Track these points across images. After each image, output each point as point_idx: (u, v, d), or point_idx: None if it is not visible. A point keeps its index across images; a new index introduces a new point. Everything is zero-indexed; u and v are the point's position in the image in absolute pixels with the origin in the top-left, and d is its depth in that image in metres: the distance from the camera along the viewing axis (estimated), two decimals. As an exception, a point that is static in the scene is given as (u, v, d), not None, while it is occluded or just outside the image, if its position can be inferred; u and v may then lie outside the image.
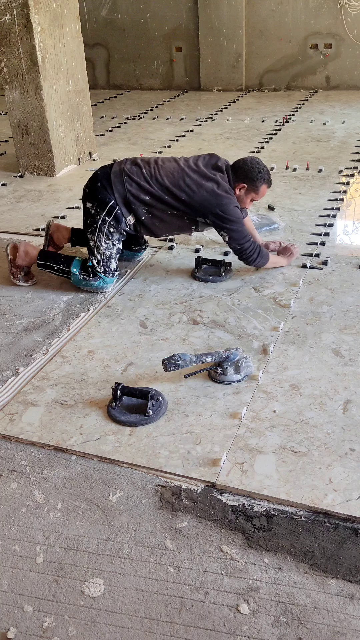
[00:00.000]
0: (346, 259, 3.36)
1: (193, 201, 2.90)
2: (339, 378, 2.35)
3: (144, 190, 2.90)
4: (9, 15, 4.42)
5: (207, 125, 6.58)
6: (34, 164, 5.06)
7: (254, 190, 2.99)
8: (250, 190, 2.99)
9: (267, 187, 3.02)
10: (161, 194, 2.91)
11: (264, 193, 3.04)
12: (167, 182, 2.90)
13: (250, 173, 2.94)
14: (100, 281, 3.06)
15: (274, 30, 7.92)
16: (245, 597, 1.56)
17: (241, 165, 2.97)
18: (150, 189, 2.90)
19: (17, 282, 3.21)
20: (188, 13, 8.15)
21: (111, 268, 3.07)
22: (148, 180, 2.91)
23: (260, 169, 2.95)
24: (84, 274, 3.05)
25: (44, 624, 1.52)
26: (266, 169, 2.99)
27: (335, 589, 1.56)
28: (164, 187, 2.90)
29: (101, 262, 3.03)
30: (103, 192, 2.92)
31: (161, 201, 2.92)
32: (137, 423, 2.15)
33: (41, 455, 2.06)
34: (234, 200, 2.93)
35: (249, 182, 2.96)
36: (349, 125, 6.22)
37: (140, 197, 2.91)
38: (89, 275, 3.05)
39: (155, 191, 2.90)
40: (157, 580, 1.61)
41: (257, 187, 2.98)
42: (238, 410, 2.20)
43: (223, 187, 2.91)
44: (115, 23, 8.58)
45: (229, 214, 2.90)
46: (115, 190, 2.91)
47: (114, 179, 2.92)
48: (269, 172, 3.01)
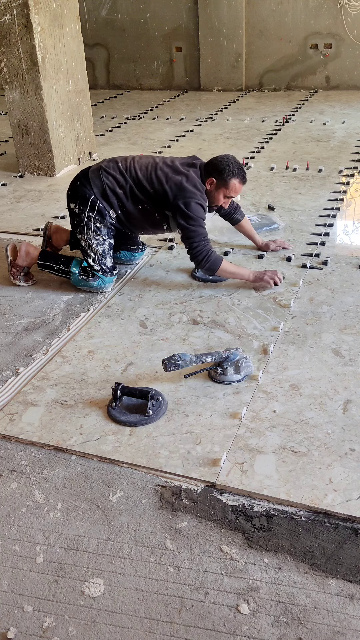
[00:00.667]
0: (346, 259, 3.36)
1: (159, 194, 2.90)
2: (339, 378, 2.35)
3: (119, 183, 2.93)
4: (9, 15, 4.42)
5: (207, 125, 6.58)
6: (34, 164, 5.06)
7: (223, 185, 2.91)
8: (220, 185, 2.92)
9: (239, 182, 2.93)
10: (132, 187, 2.92)
11: (236, 188, 2.94)
12: (140, 174, 2.92)
13: (218, 166, 2.90)
14: (99, 281, 3.06)
15: (274, 30, 7.92)
16: (245, 597, 1.56)
17: (211, 161, 2.95)
18: (124, 181, 2.93)
19: (17, 283, 3.21)
20: (188, 13, 8.15)
21: (107, 265, 3.06)
22: (123, 172, 2.94)
23: (229, 162, 2.89)
24: (83, 274, 3.06)
25: (44, 624, 1.52)
26: (237, 163, 2.92)
27: (335, 589, 1.56)
28: (136, 180, 2.92)
29: (96, 260, 3.03)
30: (82, 189, 2.97)
31: (132, 195, 2.94)
32: (137, 423, 2.15)
33: (41, 455, 2.06)
34: (199, 197, 2.88)
35: (217, 176, 2.90)
36: (349, 125, 6.22)
37: (115, 190, 2.93)
38: (88, 275, 3.06)
39: (128, 184, 2.92)
40: (157, 580, 1.61)
41: (226, 182, 2.90)
42: (238, 410, 2.20)
43: (192, 182, 2.88)
44: (115, 23, 8.58)
45: (189, 210, 2.85)
46: (94, 184, 2.94)
47: (92, 175, 2.97)
48: (240, 167, 2.92)
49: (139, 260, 3.43)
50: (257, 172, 4.91)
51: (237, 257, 3.42)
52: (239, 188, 2.96)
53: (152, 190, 2.91)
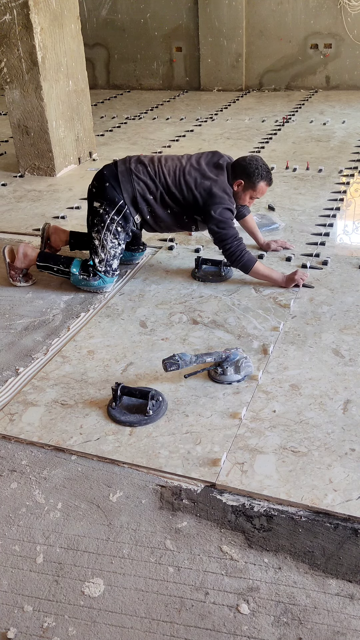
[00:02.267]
0: (346, 259, 3.36)
1: (189, 200, 2.93)
2: (339, 378, 2.35)
3: (149, 190, 2.94)
4: (9, 15, 4.42)
5: (207, 125, 6.58)
6: (34, 164, 5.06)
7: (251, 187, 2.96)
8: (248, 187, 2.96)
9: (266, 184, 2.99)
10: (163, 192, 2.94)
11: (263, 191, 3.00)
12: (169, 181, 2.94)
13: (247, 169, 2.93)
14: (100, 281, 3.06)
15: (274, 30, 7.92)
16: (245, 597, 1.56)
17: (240, 162, 2.96)
18: (154, 187, 2.94)
19: (16, 284, 3.21)
20: (188, 13, 8.15)
21: (113, 268, 3.07)
22: (153, 178, 2.94)
23: (258, 165, 2.93)
24: (83, 274, 3.06)
25: (44, 624, 1.52)
26: (265, 166, 2.96)
27: (335, 589, 1.56)
28: (165, 187, 2.94)
29: (104, 262, 3.03)
30: (112, 192, 2.94)
31: (162, 201, 2.96)
32: (137, 423, 2.15)
33: (41, 455, 2.06)
34: (228, 202, 2.92)
35: (246, 178, 2.94)
36: (349, 125, 6.22)
37: (146, 196, 2.95)
38: (89, 275, 3.05)
39: (158, 190, 2.94)
40: (157, 580, 1.61)
41: (254, 184, 2.95)
42: (238, 410, 2.20)
43: (220, 186, 2.91)
44: (115, 23, 8.58)
45: (220, 215, 2.90)
46: (124, 189, 2.93)
47: (122, 178, 2.94)
48: (268, 169, 2.97)
49: (139, 260, 3.43)
50: (257, 172, 4.90)
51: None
52: (265, 190, 3.02)
53: (181, 197, 2.94)
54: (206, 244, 3.62)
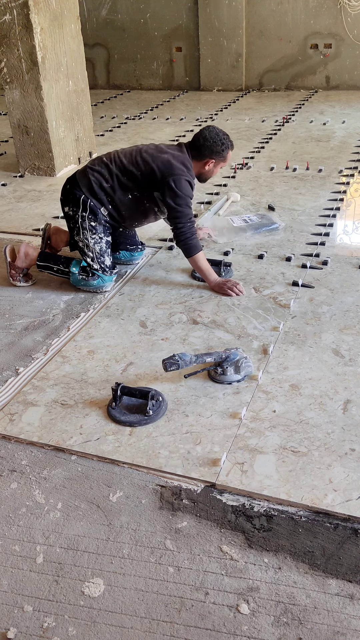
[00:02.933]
0: (346, 259, 3.36)
1: (146, 174, 2.92)
2: (339, 378, 2.35)
3: (104, 177, 2.96)
4: (9, 15, 4.42)
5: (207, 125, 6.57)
6: (34, 164, 5.06)
7: (222, 159, 3.03)
8: (219, 161, 3.03)
9: (231, 150, 3.06)
10: (119, 175, 2.94)
11: (230, 156, 3.08)
12: (125, 161, 2.96)
13: (214, 148, 2.97)
14: (99, 280, 3.06)
15: (274, 30, 7.92)
16: (245, 597, 1.56)
17: (202, 143, 2.98)
18: (109, 174, 2.95)
19: (16, 284, 3.21)
20: (188, 13, 8.15)
21: (106, 264, 3.07)
22: (107, 164, 2.97)
23: (221, 139, 2.98)
24: (82, 273, 3.07)
25: (44, 624, 1.52)
26: (223, 134, 3.01)
27: (335, 589, 1.56)
28: (121, 168, 2.95)
29: (95, 259, 3.04)
30: (72, 191, 3.00)
31: (120, 185, 2.96)
32: (137, 423, 2.15)
33: (41, 455, 2.06)
34: (187, 174, 2.92)
35: (216, 156, 3.00)
36: (349, 125, 6.22)
37: (102, 185, 2.96)
38: (88, 275, 3.06)
39: (114, 174, 2.95)
40: (157, 580, 1.61)
41: (224, 156, 3.02)
42: (238, 410, 2.20)
43: (179, 159, 2.93)
44: (115, 23, 8.58)
45: (178, 188, 2.88)
46: (82, 184, 2.98)
47: (79, 176, 3.02)
48: (226, 134, 3.03)
49: (138, 260, 3.43)
50: (257, 172, 4.91)
51: (237, 257, 3.42)
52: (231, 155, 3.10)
53: (138, 173, 2.93)
54: (206, 244, 3.62)
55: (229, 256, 3.43)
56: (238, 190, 4.47)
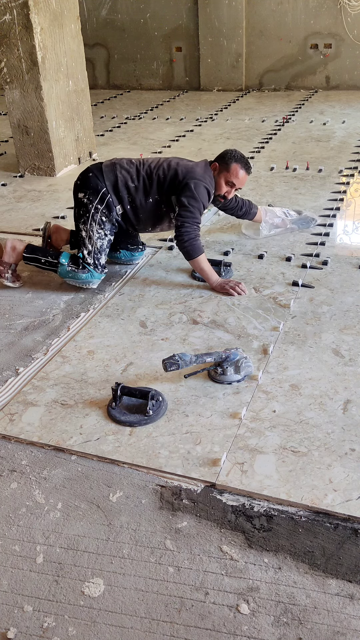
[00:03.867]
0: (346, 259, 3.36)
1: (169, 176, 3.00)
2: (339, 378, 2.35)
3: (132, 177, 3.01)
4: (9, 15, 4.42)
5: (207, 125, 6.58)
6: (34, 164, 5.06)
7: (225, 168, 3.03)
8: (222, 169, 3.04)
9: (240, 167, 3.03)
10: (145, 178, 3.01)
11: (237, 173, 3.03)
12: (153, 166, 3.05)
13: (223, 154, 3.07)
14: (88, 274, 3.04)
15: (274, 30, 7.92)
16: (245, 597, 1.56)
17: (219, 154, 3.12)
18: (136, 175, 3.02)
19: (4, 282, 3.14)
20: (188, 13, 8.15)
21: (101, 262, 3.07)
22: (137, 166, 3.05)
23: (233, 151, 3.06)
24: (72, 265, 3.04)
25: (44, 624, 1.52)
26: (240, 154, 3.06)
27: (335, 589, 1.56)
28: (148, 172, 3.03)
29: (92, 254, 3.03)
30: (95, 180, 3.01)
31: (144, 187, 3.02)
32: (137, 423, 2.15)
33: (41, 455, 2.06)
34: (208, 182, 2.99)
35: (219, 160, 3.05)
36: (349, 125, 6.22)
37: (127, 184, 3.01)
38: (78, 267, 3.04)
39: (140, 176, 3.01)
40: (157, 580, 1.61)
41: (227, 165, 3.02)
42: (238, 410, 2.20)
43: (202, 169, 3.02)
44: (115, 23, 8.58)
45: (196, 190, 2.93)
46: (107, 178, 3.00)
47: (106, 168, 3.04)
48: (244, 157, 3.06)
49: (139, 260, 3.43)
50: (257, 172, 4.90)
51: (237, 257, 3.42)
52: (242, 175, 3.05)
53: (163, 176, 3.00)
54: (206, 243, 3.62)
55: (229, 256, 3.43)
56: (238, 190, 4.46)
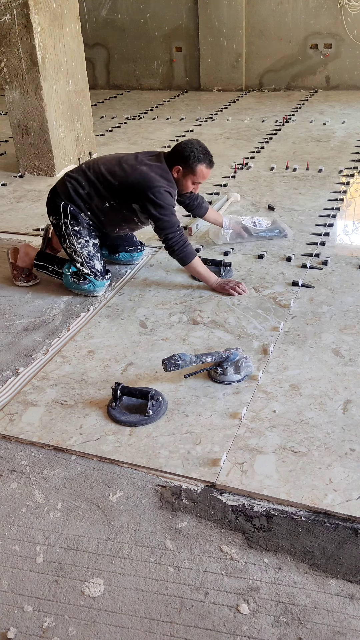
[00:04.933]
0: (346, 259, 3.36)
1: (124, 186, 2.87)
2: (339, 378, 2.35)
3: (81, 184, 2.94)
4: (9, 15, 4.42)
5: (207, 125, 6.58)
6: (34, 164, 5.06)
7: (190, 172, 2.90)
8: (187, 172, 2.90)
9: (205, 167, 2.90)
10: (96, 183, 2.91)
11: (203, 174, 2.92)
12: (103, 169, 2.92)
13: (182, 154, 2.88)
14: (90, 284, 3.03)
15: (274, 30, 7.92)
16: (245, 597, 1.56)
17: (175, 148, 2.92)
18: (86, 181, 2.93)
19: (18, 284, 3.22)
20: (188, 13, 8.15)
21: (97, 268, 3.03)
22: (85, 171, 2.95)
23: (194, 148, 2.87)
24: (75, 276, 3.04)
25: (44, 624, 1.52)
26: (202, 148, 2.89)
27: (335, 589, 1.56)
28: (99, 176, 2.91)
29: (84, 263, 3.01)
30: (53, 200, 3.02)
31: (97, 193, 2.93)
32: (137, 423, 2.15)
33: (41, 455, 2.06)
34: (167, 185, 2.86)
35: (183, 163, 2.88)
36: (349, 125, 6.22)
37: (79, 191, 2.94)
38: (79, 278, 3.03)
39: (91, 182, 2.92)
40: (157, 580, 1.61)
41: (192, 168, 2.88)
42: (238, 410, 2.20)
43: (156, 171, 2.87)
44: (115, 23, 8.58)
45: (159, 199, 2.82)
46: (61, 192, 2.99)
47: (58, 184, 3.03)
48: (206, 151, 2.90)
49: (138, 260, 3.43)
50: (257, 172, 4.91)
51: (237, 257, 3.42)
52: (207, 173, 2.94)
53: (116, 183, 2.88)
54: (206, 244, 3.62)
55: (229, 256, 3.43)
56: (238, 190, 4.47)
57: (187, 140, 2.93)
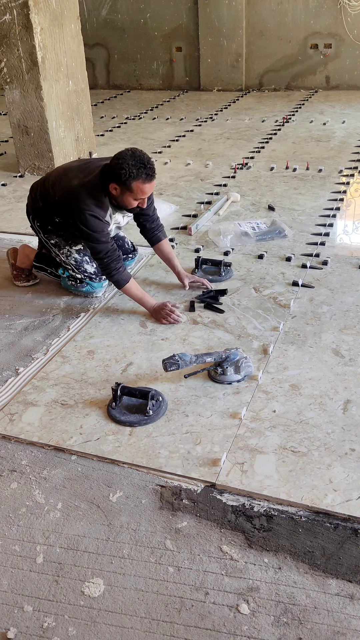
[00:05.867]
0: (346, 259, 3.36)
1: (60, 202, 2.75)
2: (339, 378, 2.35)
3: (36, 198, 2.90)
4: (9, 15, 4.42)
5: (207, 125, 6.58)
6: (34, 164, 5.06)
7: (126, 189, 2.54)
8: (123, 190, 2.56)
9: (142, 182, 2.52)
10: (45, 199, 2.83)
11: (141, 189, 2.55)
12: (51, 181, 2.81)
13: (114, 170, 2.53)
14: (88, 287, 3.00)
15: (274, 30, 7.91)
16: (245, 597, 1.56)
17: (110, 162, 2.59)
18: (41, 195, 2.87)
19: (19, 284, 3.22)
20: (188, 13, 8.14)
21: (90, 272, 2.94)
22: (43, 184, 2.88)
23: (124, 163, 2.48)
24: (72, 279, 3.01)
25: (44, 624, 1.52)
26: (135, 162, 2.49)
27: (335, 589, 1.56)
28: (48, 187, 2.82)
29: (75, 270, 2.95)
30: (27, 210, 3.03)
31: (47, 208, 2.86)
32: (137, 423, 2.15)
33: (41, 455, 2.06)
34: (93, 208, 2.60)
35: (116, 181, 2.54)
36: (349, 125, 6.22)
37: (35, 206, 2.93)
38: (76, 282, 3.00)
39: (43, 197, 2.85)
40: (157, 580, 1.61)
41: (127, 186, 2.53)
42: (238, 410, 2.20)
43: (88, 188, 2.62)
44: (115, 23, 8.57)
45: (85, 226, 2.62)
46: (28, 204, 2.99)
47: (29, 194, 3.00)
48: (141, 164, 2.49)
49: (130, 266, 3.31)
50: (257, 172, 4.91)
51: (237, 257, 3.42)
52: (147, 187, 2.56)
53: (56, 197, 2.76)
54: (206, 244, 3.62)
55: (229, 256, 3.43)
56: (238, 190, 4.46)
57: (120, 153, 2.55)
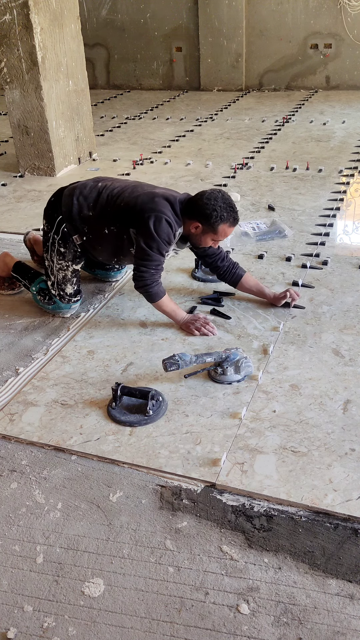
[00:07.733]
0: (346, 259, 3.36)
1: (128, 206, 2.58)
2: (339, 378, 2.35)
3: (88, 205, 2.66)
4: (9, 15, 4.42)
5: (207, 125, 6.58)
6: (34, 164, 5.06)
7: (211, 230, 2.54)
8: (207, 230, 2.55)
9: (229, 226, 2.54)
10: (104, 207, 2.64)
11: (225, 233, 2.57)
12: (116, 191, 2.66)
13: (204, 210, 2.50)
14: (55, 305, 2.86)
15: (274, 30, 7.91)
16: (245, 597, 1.56)
17: (196, 201, 2.54)
18: (95, 203, 2.66)
19: (3, 293, 3.14)
20: (188, 13, 8.14)
21: (67, 292, 2.83)
22: (100, 191, 2.68)
23: (216, 207, 2.48)
24: (40, 295, 2.89)
25: (44, 624, 1.52)
26: (225, 205, 2.51)
27: (335, 589, 1.56)
28: (110, 198, 2.65)
29: (55, 285, 2.82)
30: (52, 208, 2.75)
31: (101, 217, 2.65)
32: (137, 423, 2.15)
33: (41, 455, 2.06)
34: (171, 218, 2.52)
35: (203, 221, 2.53)
36: (349, 125, 6.22)
37: (82, 212, 2.67)
38: (45, 297, 2.88)
39: (99, 205, 2.65)
40: (157, 580, 1.61)
41: (213, 228, 2.52)
42: (238, 410, 2.20)
43: (170, 199, 2.56)
44: (115, 23, 8.57)
45: (156, 228, 2.50)
46: (64, 204, 2.69)
47: (66, 192, 2.73)
48: (230, 207, 2.52)
49: (116, 277, 3.22)
50: (257, 172, 4.91)
51: (237, 257, 3.42)
52: (229, 231, 2.59)
53: (122, 204, 2.59)
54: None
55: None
56: (238, 190, 4.47)
57: (210, 194, 2.53)
